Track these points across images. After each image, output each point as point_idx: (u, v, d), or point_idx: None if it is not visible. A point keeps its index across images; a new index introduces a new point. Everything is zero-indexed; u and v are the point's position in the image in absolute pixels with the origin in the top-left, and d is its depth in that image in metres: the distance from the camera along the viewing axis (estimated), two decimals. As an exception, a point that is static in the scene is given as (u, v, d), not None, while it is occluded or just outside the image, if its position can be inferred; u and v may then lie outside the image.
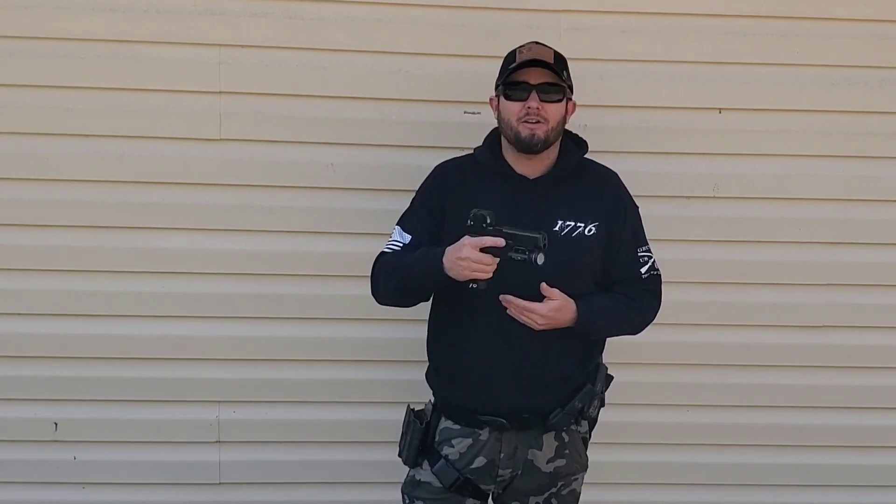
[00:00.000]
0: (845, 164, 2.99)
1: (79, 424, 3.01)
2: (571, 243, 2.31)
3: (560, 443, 2.40)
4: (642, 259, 2.42)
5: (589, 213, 2.35)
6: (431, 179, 2.46)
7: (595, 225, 2.34)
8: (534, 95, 2.27)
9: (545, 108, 2.27)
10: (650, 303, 2.45)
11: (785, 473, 3.16)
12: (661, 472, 3.14)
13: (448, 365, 2.43)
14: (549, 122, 2.28)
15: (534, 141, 2.28)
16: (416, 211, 2.43)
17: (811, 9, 2.89)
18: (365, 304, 2.82)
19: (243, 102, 2.85)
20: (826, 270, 3.03)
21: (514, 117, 2.28)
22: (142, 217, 2.89)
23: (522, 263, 2.12)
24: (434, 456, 2.42)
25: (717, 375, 3.08)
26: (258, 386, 3.01)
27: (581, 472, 2.49)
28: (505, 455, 2.38)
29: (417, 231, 2.38)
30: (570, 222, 2.33)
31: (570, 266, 2.31)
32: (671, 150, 2.95)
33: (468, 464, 2.39)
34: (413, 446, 2.44)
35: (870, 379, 3.10)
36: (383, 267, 2.37)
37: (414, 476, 2.47)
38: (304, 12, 2.83)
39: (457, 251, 2.15)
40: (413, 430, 2.44)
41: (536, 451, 2.39)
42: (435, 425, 2.44)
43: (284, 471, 3.07)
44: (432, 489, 2.42)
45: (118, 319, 2.95)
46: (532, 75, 2.28)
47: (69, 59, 2.80)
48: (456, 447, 2.40)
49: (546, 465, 2.40)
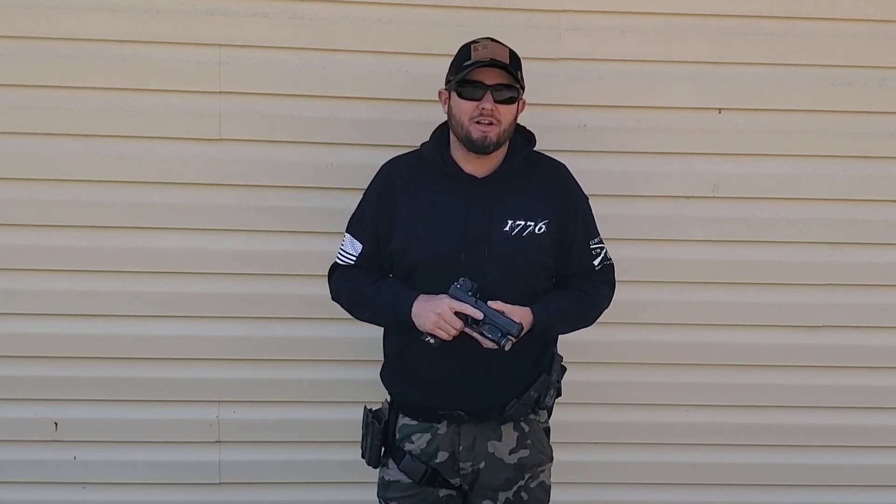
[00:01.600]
0: (845, 164, 2.98)
1: (79, 424, 3.02)
2: (522, 242, 2.31)
3: (520, 433, 2.41)
4: (595, 251, 2.43)
5: (539, 210, 2.34)
6: (378, 181, 2.45)
7: (545, 222, 2.34)
8: (488, 96, 2.25)
9: (499, 109, 2.25)
10: (605, 293, 2.46)
11: (785, 473, 3.16)
12: (661, 472, 3.14)
13: (403, 365, 2.43)
14: (501, 124, 2.26)
15: (486, 143, 2.26)
16: (365, 217, 2.43)
17: (811, 9, 2.89)
18: (365, 304, 2.83)
19: (243, 102, 2.85)
20: (826, 270, 3.03)
21: (467, 117, 2.26)
22: (142, 217, 2.89)
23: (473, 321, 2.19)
24: (398, 453, 2.42)
25: (717, 375, 3.08)
26: (258, 386, 3.01)
27: (547, 464, 2.48)
28: (464, 447, 2.38)
29: (368, 240, 2.40)
30: (521, 221, 2.32)
31: (522, 265, 2.32)
32: (671, 150, 2.95)
33: (431, 458, 2.39)
34: (374, 446, 2.45)
35: (870, 379, 3.10)
36: (343, 288, 2.44)
37: (383, 477, 2.47)
38: (304, 12, 2.83)
39: (434, 304, 2.21)
40: (373, 431, 2.45)
41: (497, 443, 2.39)
42: (394, 423, 2.44)
43: (284, 471, 3.08)
44: (402, 486, 2.42)
45: (118, 319, 2.95)
46: (487, 75, 2.26)
47: (69, 59, 2.80)
48: (416, 443, 2.40)
49: (509, 457, 2.40)
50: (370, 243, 2.40)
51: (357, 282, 2.41)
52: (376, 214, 2.39)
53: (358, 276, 2.41)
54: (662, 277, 2.98)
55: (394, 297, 2.30)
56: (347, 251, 2.43)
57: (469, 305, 2.19)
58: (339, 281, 2.46)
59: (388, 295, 2.32)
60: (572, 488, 3.00)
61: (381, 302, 2.33)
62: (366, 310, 2.40)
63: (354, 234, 2.43)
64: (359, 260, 2.42)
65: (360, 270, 2.42)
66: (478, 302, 2.19)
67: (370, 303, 2.36)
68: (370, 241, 2.40)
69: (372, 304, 2.36)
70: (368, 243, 2.40)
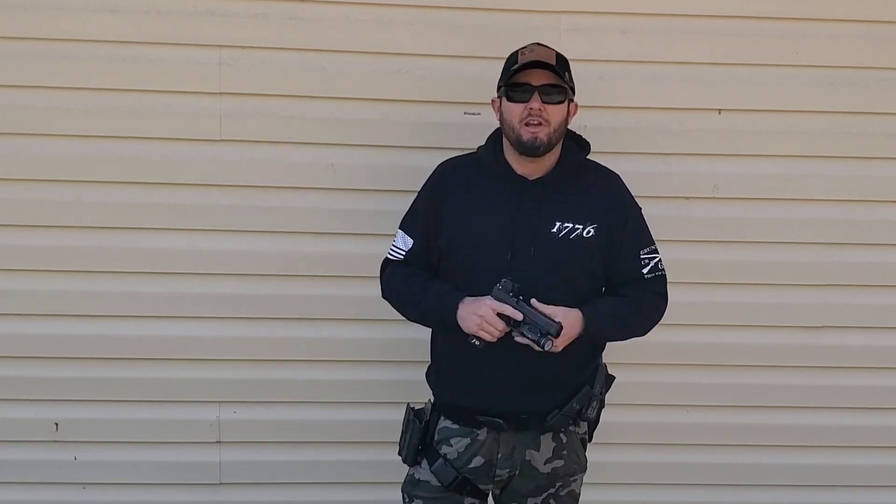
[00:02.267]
0: (845, 165, 2.98)
1: (79, 425, 3.01)
2: (569, 245, 2.32)
3: (558, 444, 2.41)
4: (644, 260, 2.41)
5: (588, 214, 2.34)
6: (432, 180, 2.48)
7: (594, 227, 2.34)
8: (536, 97, 2.27)
9: (547, 109, 2.27)
10: (656, 302, 2.44)
11: (785, 473, 3.16)
12: (661, 472, 3.14)
13: (448, 365, 2.44)
14: (550, 124, 2.28)
15: (536, 144, 2.28)
16: (417, 214, 2.45)
17: (811, 9, 2.89)
18: (365, 304, 2.85)
19: (244, 103, 2.85)
20: (826, 271, 3.03)
21: (517, 119, 2.28)
22: (142, 217, 2.89)
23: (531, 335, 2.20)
24: (433, 455, 2.43)
25: (717, 375, 3.08)
26: (258, 386, 3.01)
27: (580, 473, 2.49)
28: (502, 455, 2.39)
29: (419, 236, 2.42)
30: (569, 224, 2.33)
31: (568, 267, 2.32)
32: (671, 151, 2.95)
33: (466, 463, 2.40)
34: (412, 445, 2.45)
35: (869, 379, 3.10)
36: (393, 288, 2.46)
37: (413, 475, 2.48)
38: (305, 13, 2.83)
39: (476, 306, 2.23)
40: (413, 430, 2.45)
41: (534, 452, 2.39)
42: (434, 424, 2.45)
43: (284, 471, 3.08)
44: (431, 488, 2.43)
45: (118, 319, 2.95)
46: (534, 77, 2.28)
47: (69, 59, 2.80)
48: (454, 446, 2.41)
49: (544, 466, 2.40)
50: (421, 239, 2.42)
51: (405, 282, 2.42)
52: (427, 211, 2.41)
53: (407, 276, 2.43)
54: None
55: (440, 300, 2.32)
56: (399, 247, 2.46)
57: (509, 306, 2.19)
58: (390, 280, 2.48)
59: (434, 297, 2.33)
60: (572, 488, 3.00)
61: (428, 304, 2.34)
62: (414, 311, 2.42)
63: (406, 230, 2.46)
64: (408, 256, 2.43)
65: (410, 269, 2.44)
66: (519, 302, 2.19)
67: (418, 305, 2.38)
68: (421, 238, 2.42)
69: (419, 307, 2.38)
70: (419, 239, 2.42)
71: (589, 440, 2.53)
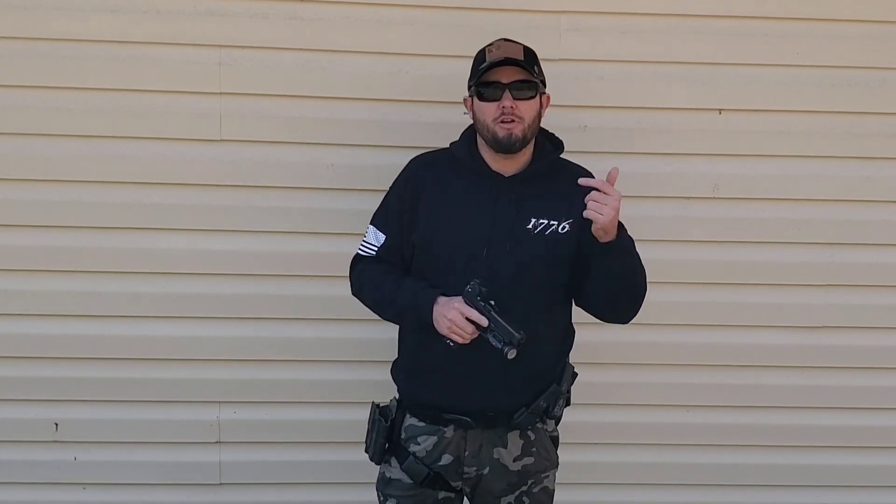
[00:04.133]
0: (845, 165, 2.98)
1: (79, 425, 3.02)
2: (544, 241, 2.32)
3: (526, 441, 2.41)
4: None
5: (563, 210, 2.34)
6: (405, 175, 2.46)
7: (569, 222, 2.33)
8: (507, 94, 2.27)
9: (519, 106, 2.27)
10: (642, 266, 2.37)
11: (785, 473, 3.16)
12: (662, 472, 3.14)
13: (415, 361, 2.43)
14: (524, 120, 2.28)
15: (511, 140, 2.28)
16: (390, 209, 2.44)
17: (811, 9, 2.89)
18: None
19: (243, 103, 2.85)
20: (826, 271, 3.03)
21: (490, 118, 2.28)
22: (142, 217, 2.89)
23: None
24: (402, 453, 2.43)
25: (716, 376, 3.08)
26: (258, 386, 3.02)
27: (552, 470, 2.49)
28: (470, 453, 2.39)
29: (391, 231, 2.42)
30: (544, 220, 2.33)
31: (543, 263, 2.32)
32: (671, 151, 2.95)
33: (435, 461, 2.40)
34: (379, 444, 2.46)
35: (869, 379, 3.10)
36: (365, 286, 2.45)
37: (384, 473, 2.48)
38: (304, 13, 2.83)
39: (446, 309, 2.22)
40: (378, 428, 2.45)
41: (502, 450, 2.39)
42: (400, 422, 2.45)
43: (284, 471, 3.08)
44: (403, 485, 2.43)
45: (118, 319, 2.95)
46: (504, 74, 2.28)
47: (69, 59, 2.80)
48: (422, 444, 2.41)
49: (513, 464, 2.40)
50: (394, 235, 2.41)
51: (378, 279, 2.41)
52: (401, 206, 2.41)
53: (379, 274, 2.42)
54: (663, 278, 2.96)
55: (414, 298, 2.31)
56: (370, 242, 2.45)
57: (475, 311, 2.19)
58: (361, 277, 2.47)
59: (408, 296, 2.32)
60: (572, 489, 2.99)
61: (402, 303, 2.34)
62: (388, 310, 2.42)
63: (378, 226, 2.45)
64: (381, 251, 2.43)
65: (382, 265, 2.43)
66: (486, 307, 2.19)
67: (392, 303, 2.38)
68: (394, 233, 2.41)
69: (394, 306, 2.37)
70: (392, 234, 2.42)
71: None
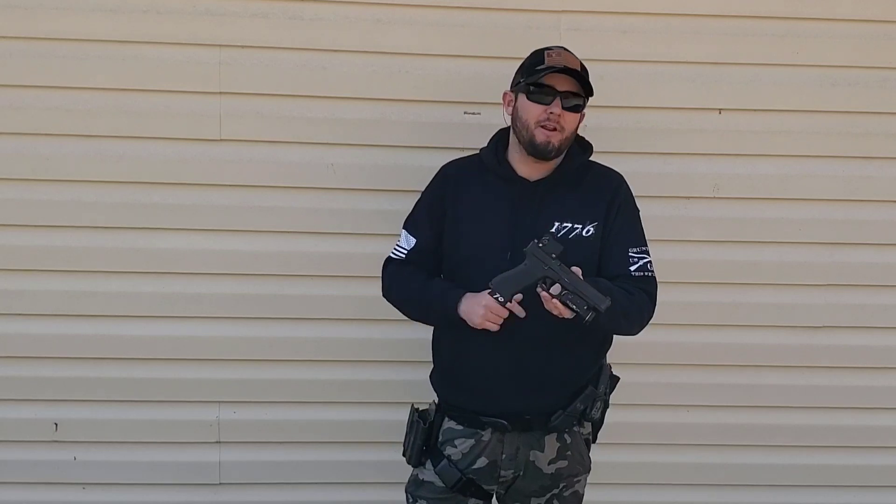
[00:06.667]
0: (845, 164, 2.98)
1: (79, 425, 3.01)
2: (568, 245, 2.30)
3: (562, 444, 2.41)
4: (632, 259, 2.36)
5: (587, 213, 2.34)
6: (435, 181, 2.49)
7: (594, 225, 2.34)
8: (557, 102, 2.27)
9: (565, 116, 2.28)
10: (644, 300, 2.35)
11: (785, 473, 3.16)
12: (661, 472, 3.14)
13: (451, 366, 2.44)
14: (565, 131, 2.29)
15: (548, 148, 2.28)
16: (421, 213, 2.46)
17: (811, 9, 2.89)
18: (365, 304, 2.85)
19: (243, 103, 2.85)
20: (826, 271, 3.03)
21: (533, 119, 2.28)
22: (142, 217, 2.89)
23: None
24: (437, 456, 2.43)
25: (716, 376, 3.08)
26: (258, 386, 3.01)
27: (584, 474, 2.49)
28: (507, 456, 2.39)
29: (422, 235, 2.43)
30: (568, 223, 2.33)
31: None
32: (671, 151, 2.95)
33: (470, 464, 2.40)
34: (416, 446, 2.45)
35: (870, 379, 3.10)
36: (394, 286, 2.46)
37: (417, 475, 2.48)
38: (304, 12, 2.83)
39: (479, 298, 2.22)
40: (417, 430, 2.46)
41: (538, 453, 2.39)
42: (438, 425, 2.45)
43: (284, 471, 3.07)
44: (435, 489, 2.43)
45: (118, 319, 2.95)
46: (558, 81, 2.28)
47: (69, 59, 2.80)
48: (458, 447, 2.41)
49: (548, 467, 2.40)
50: (423, 239, 2.43)
51: (407, 280, 2.43)
52: (432, 211, 2.43)
53: (408, 275, 2.43)
54: (663, 278, 2.94)
55: (442, 296, 2.32)
56: (402, 245, 2.47)
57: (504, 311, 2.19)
58: (391, 279, 2.48)
59: (436, 294, 2.34)
60: (572, 488, 3.00)
61: (429, 301, 2.35)
62: (415, 309, 2.44)
63: (409, 230, 2.47)
64: (410, 254, 2.44)
65: (410, 267, 2.44)
66: (561, 266, 2.14)
67: (418, 302, 2.40)
68: (424, 237, 2.43)
69: (420, 304, 2.40)
70: (422, 238, 2.43)
71: (593, 441, 2.52)
